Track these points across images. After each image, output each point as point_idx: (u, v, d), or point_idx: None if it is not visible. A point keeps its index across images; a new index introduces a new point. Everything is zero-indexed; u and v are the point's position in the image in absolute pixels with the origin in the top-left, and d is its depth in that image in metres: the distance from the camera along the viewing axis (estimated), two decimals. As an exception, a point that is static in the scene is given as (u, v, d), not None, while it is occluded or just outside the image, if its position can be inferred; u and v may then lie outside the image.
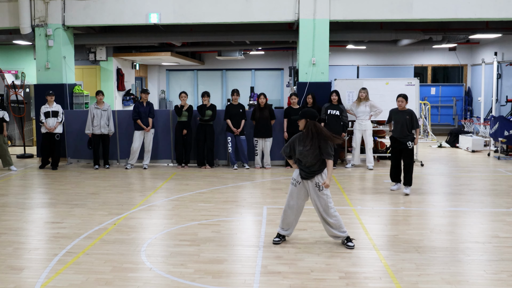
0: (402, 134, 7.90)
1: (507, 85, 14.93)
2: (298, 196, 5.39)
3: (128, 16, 11.19)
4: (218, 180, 9.22)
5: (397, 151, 8.06)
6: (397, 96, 8.12)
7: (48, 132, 10.33)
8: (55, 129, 10.36)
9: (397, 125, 7.98)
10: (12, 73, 15.33)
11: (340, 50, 17.67)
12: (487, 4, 10.44)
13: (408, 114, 7.94)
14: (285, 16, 10.87)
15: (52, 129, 10.32)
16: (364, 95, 10.26)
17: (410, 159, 7.92)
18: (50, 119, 10.34)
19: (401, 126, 7.92)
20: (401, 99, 8.01)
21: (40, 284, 4.41)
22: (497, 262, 4.92)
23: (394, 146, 8.10)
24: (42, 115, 10.34)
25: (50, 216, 6.74)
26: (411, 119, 7.91)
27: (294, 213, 5.44)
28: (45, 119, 10.32)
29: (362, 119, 10.27)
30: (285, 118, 10.35)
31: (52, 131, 10.32)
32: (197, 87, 20.12)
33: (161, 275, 4.63)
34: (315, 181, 5.29)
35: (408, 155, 7.92)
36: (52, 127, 10.31)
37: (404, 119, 7.89)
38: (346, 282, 4.44)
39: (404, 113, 7.96)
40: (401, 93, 8.18)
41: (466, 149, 13.10)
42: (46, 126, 10.31)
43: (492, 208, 7.06)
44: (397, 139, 7.98)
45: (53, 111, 10.37)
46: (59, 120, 10.41)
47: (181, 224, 6.26)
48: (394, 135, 8.03)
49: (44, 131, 10.37)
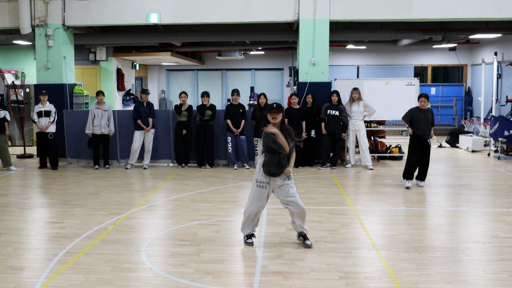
0: (425, 132, 8.27)
1: (507, 85, 14.93)
2: (266, 197, 5.33)
3: (128, 16, 11.19)
4: (218, 180, 9.22)
5: (419, 148, 8.35)
6: (420, 96, 8.43)
7: (41, 131, 10.37)
8: (47, 129, 10.38)
9: (421, 123, 8.29)
10: (12, 73, 15.33)
11: (340, 50, 17.67)
12: (487, 4, 10.44)
13: (431, 112, 8.42)
14: (285, 16, 10.87)
15: (44, 128, 10.34)
16: (357, 95, 10.29)
17: (429, 156, 8.39)
18: (43, 118, 10.37)
19: (425, 125, 8.27)
20: (424, 99, 8.33)
21: (40, 284, 4.41)
22: (497, 262, 4.92)
23: (416, 144, 8.37)
24: (35, 114, 10.39)
25: (50, 216, 6.74)
26: (433, 117, 8.42)
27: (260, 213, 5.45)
28: (37, 118, 10.36)
29: (355, 119, 10.31)
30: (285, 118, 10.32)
31: (44, 130, 10.35)
32: (197, 87, 20.12)
33: (161, 275, 4.63)
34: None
35: (428, 152, 8.38)
36: (44, 126, 10.34)
37: (427, 118, 8.30)
38: (346, 282, 4.44)
39: (427, 112, 8.36)
40: (423, 93, 8.48)
41: (466, 149, 13.10)
42: (38, 125, 10.35)
43: (492, 208, 7.06)
44: (421, 136, 8.29)
45: (45, 110, 10.40)
46: (51, 119, 10.43)
47: (181, 224, 6.26)
48: (418, 133, 8.31)
49: (37, 130, 10.45)
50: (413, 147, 8.45)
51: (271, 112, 5.20)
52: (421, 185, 8.46)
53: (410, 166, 8.46)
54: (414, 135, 8.37)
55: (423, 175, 8.47)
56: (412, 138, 8.45)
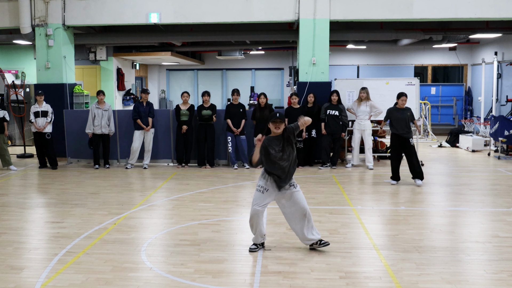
0: (404, 130, 8.36)
1: (507, 85, 14.93)
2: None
3: (128, 16, 11.19)
4: (218, 179, 9.22)
5: (399, 148, 8.47)
6: (400, 95, 8.55)
7: (38, 131, 10.36)
8: (45, 129, 10.37)
9: (399, 122, 8.40)
10: (12, 73, 15.33)
11: (340, 50, 17.67)
12: (487, 4, 10.44)
13: (409, 111, 8.54)
14: (285, 16, 10.87)
15: (41, 128, 10.33)
16: (365, 95, 10.27)
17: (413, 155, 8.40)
18: (40, 119, 10.36)
19: (403, 123, 8.37)
20: (405, 98, 8.52)
21: (40, 284, 4.41)
22: (497, 262, 4.92)
23: (397, 144, 8.47)
24: (32, 114, 10.38)
25: (50, 216, 6.74)
26: (411, 115, 8.51)
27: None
28: (34, 118, 10.35)
29: (361, 119, 10.30)
30: (285, 118, 10.32)
31: (41, 130, 10.34)
32: (197, 87, 20.12)
33: (161, 274, 4.63)
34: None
35: (412, 151, 8.40)
36: (41, 126, 10.33)
37: (406, 116, 8.42)
38: (346, 282, 4.44)
39: (405, 111, 8.50)
40: (402, 92, 8.64)
41: (466, 148, 13.10)
42: (35, 125, 10.34)
43: (492, 208, 7.06)
44: (400, 135, 8.39)
45: (42, 111, 10.39)
46: (48, 120, 10.43)
47: (181, 224, 6.26)
48: (397, 132, 8.40)
49: (34, 130, 10.42)
50: (392, 147, 8.64)
51: (275, 122, 4.94)
52: (418, 183, 8.46)
53: (392, 168, 8.64)
54: (393, 135, 8.50)
55: (416, 173, 8.48)
56: (391, 138, 8.59)
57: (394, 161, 8.62)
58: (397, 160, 8.58)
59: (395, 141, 8.51)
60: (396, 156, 8.58)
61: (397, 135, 8.41)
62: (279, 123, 4.93)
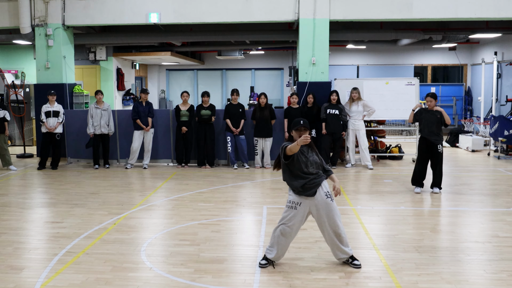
0: (433, 134, 7.74)
1: (507, 85, 14.93)
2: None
3: (128, 16, 11.19)
4: (218, 179, 9.22)
5: (425, 152, 7.86)
6: (425, 96, 7.89)
7: (49, 132, 10.32)
8: (56, 129, 10.34)
9: (427, 125, 7.76)
10: (12, 72, 15.33)
11: (340, 49, 17.67)
12: (487, 4, 10.44)
13: (439, 113, 7.75)
14: (285, 16, 10.87)
15: (53, 129, 10.30)
16: (357, 95, 10.30)
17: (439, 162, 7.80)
18: (51, 118, 10.33)
19: (432, 126, 7.73)
20: (430, 99, 7.81)
21: (40, 284, 4.41)
22: (497, 262, 4.92)
23: (423, 147, 7.87)
24: (43, 114, 10.32)
25: (50, 216, 6.74)
26: (442, 118, 7.72)
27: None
28: (45, 118, 10.31)
29: (355, 119, 10.32)
30: (285, 118, 10.34)
31: (52, 131, 10.30)
32: (197, 87, 20.11)
33: (161, 274, 4.63)
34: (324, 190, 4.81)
35: (438, 159, 7.79)
36: (52, 127, 10.30)
37: (435, 119, 7.72)
38: (346, 282, 4.44)
39: (434, 113, 7.77)
40: (429, 92, 7.94)
41: (466, 148, 13.10)
42: (46, 125, 10.29)
43: (492, 208, 7.06)
44: (427, 139, 7.79)
45: (54, 111, 10.36)
46: (59, 120, 10.40)
47: (181, 224, 6.26)
48: (424, 136, 7.81)
49: (44, 130, 10.35)
50: (419, 151, 8.06)
51: (299, 130, 4.64)
52: (436, 191, 7.96)
53: (414, 173, 8.05)
54: (421, 138, 7.90)
55: (435, 183, 7.98)
56: (419, 141, 8.02)
57: (418, 165, 8.01)
58: (422, 164, 7.95)
59: (422, 144, 7.89)
60: (421, 160, 7.94)
61: (424, 138, 7.81)
62: (304, 131, 4.65)
